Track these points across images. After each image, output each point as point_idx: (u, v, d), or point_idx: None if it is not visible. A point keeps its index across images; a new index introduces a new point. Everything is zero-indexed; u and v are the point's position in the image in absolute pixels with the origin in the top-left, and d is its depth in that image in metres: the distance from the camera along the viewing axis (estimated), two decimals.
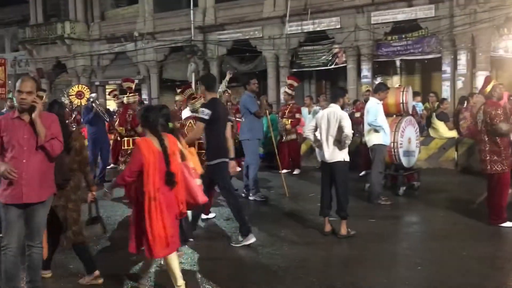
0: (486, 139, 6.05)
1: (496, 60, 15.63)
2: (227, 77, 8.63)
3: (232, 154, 5.82)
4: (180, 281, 4.05)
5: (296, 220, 6.77)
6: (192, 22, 20.15)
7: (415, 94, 10.65)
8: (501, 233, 5.93)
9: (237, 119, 8.31)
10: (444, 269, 4.77)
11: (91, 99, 9.61)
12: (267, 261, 5.09)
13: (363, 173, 9.61)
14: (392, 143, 7.89)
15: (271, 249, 5.49)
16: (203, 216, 6.81)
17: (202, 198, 4.45)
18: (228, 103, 10.29)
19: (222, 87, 8.65)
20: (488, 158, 6.03)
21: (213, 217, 6.88)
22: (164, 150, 3.94)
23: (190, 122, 6.62)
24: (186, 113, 7.16)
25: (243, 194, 8.31)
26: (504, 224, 6.02)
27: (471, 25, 15.16)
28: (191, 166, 4.52)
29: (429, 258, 5.12)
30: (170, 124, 4.61)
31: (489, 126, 5.98)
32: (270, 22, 19.13)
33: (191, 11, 20.10)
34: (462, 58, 15.71)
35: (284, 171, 9.95)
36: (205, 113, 5.48)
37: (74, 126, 11.96)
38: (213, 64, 20.82)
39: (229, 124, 6.02)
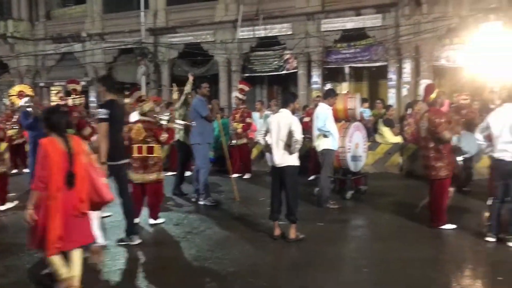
0: (430, 145, 6.29)
1: (438, 69, 16.31)
2: (190, 79, 8.51)
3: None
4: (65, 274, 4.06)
5: (246, 224, 6.77)
6: (142, 24, 19.80)
7: (362, 100, 10.93)
8: (442, 235, 6.17)
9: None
10: (389, 271, 4.91)
11: (24, 106, 9.10)
12: (216, 266, 5.05)
13: (312, 177, 9.75)
14: (341, 148, 8.06)
15: (221, 253, 5.46)
16: (151, 221, 6.70)
17: (109, 196, 4.40)
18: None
19: (186, 89, 8.52)
20: (432, 164, 6.26)
21: (162, 222, 6.76)
22: (68, 150, 4.01)
23: (138, 126, 6.49)
24: (134, 116, 7.02)
25: (193, 199, 8.23)
26: (444, 227, 6.27)
27: (416, 35, 15.75)
28: (97, 165, 4.50)
29: (375, 261, 5.26)
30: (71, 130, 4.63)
31: (433, 134, 6.21)
32: (222, 26, 19.12)
33: (142, 13, 19.75)
34: (407, 67, 16.29)
35: (235, 175, 9.93)
36: (103, 113, 5.56)
37: (16, 128, 11.46)
38: (164, 67, 20.55)
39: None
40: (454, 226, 6.27)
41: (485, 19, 13.89)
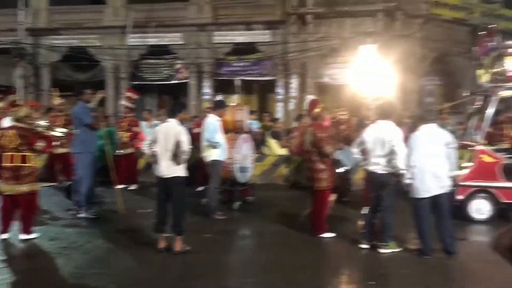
0: (314, 158, 6.58)
1: (322, 85, 17.26)
2: (98, 96, 7.97)
3: None
4: None
5: (129, 237, 6.51)
6: (20, 23, 18.31)
7: (251, 112, 11.16)
8: (322, 243, 6.47)
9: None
10: (272, 280, 5.02)
11: None
12: (95, 283, 4.77)
13: (200, 188, 9.68)
14: (229, 159, 8.12)
15: (100, 269, 5.18)
16: (23, 236, 6.15)
17: None
18: None
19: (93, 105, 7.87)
20: (315, 176, 6.56)
21: (35, 238, 6.22)
22: None
23: (11, 132, 5.95)
24: (6, 122, 6.42)
25: (73, 212, 7.70)
26: (325, 235, 6.59)
27: (302, 53, 16.55)
28: None
29: (259, 270, 5.35)
30: None
31: (316, 147, 6.52)
32: (110, 31, 18.37)
33: (20, 11, 18.28)
34: (294, 82, 17.03)
35: (120, 186, 9.54)
36: None
37: None
38: (44, 71, 19.16)
39: None
40: (333, 235, 6.61)
41: (364, 41, 15.02)
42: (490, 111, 7.86)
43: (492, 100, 7.88)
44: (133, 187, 10.38)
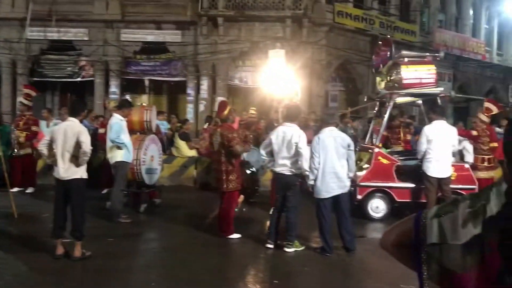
0: (222, 159, 6.60)
1: (232, 88, 17.42)
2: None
3: None
4: None
5: (24, 244, 6.07)
6: None
7: (159, 113, 10.95)
8: (229, 244, 6.51)
9: None
10: (178, 283, 4.95)
11: None
12: None
13: (105, 191, 9.30)
14: (135, 161, 7.89)
15: None
16: None
17: None
18: None
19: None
20: (224, 177, 6.57)
21: None
22: None
23: None
24: None
25: None
26: (231, 236, 6.63)
27: (212, 54, 16.58)
28: None
29: (165, 273, 5.25)
30: None
31: (225, 148, 6.54)
32: (6, 23, 17.07)
33: None
34: (204, 84, 16.98)
35: (15, 189, 8.90)
36: None
37: None
38: None
39: None
40: (239, 236, 6.66)
41: (272, 46, 15.39)
42: (387, 116, 8.40)
43: (388, 106, 8.43)
44: (30, 190, 9.69)
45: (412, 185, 7.92)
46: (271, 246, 6.21)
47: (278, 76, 12.36)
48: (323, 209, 6.04)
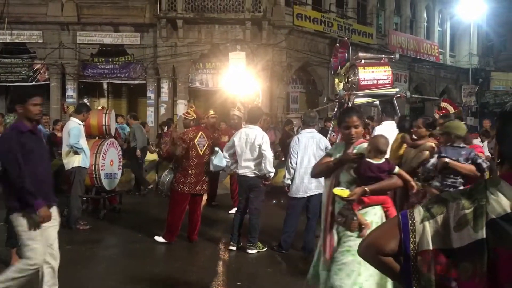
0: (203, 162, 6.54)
1: (193, 90, 17.32)
2: None
3: None
4: None
5: None
6: None
7: (117, 116, 10.76)
8: (192, 247, 6.46)
9: None
10: None
11: None
12: None
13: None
14: (93, 166, 7.72)
15: None
16: None
17: None
18: None
19: None
20: (182, 180, 6.49)
21: None
22: None
23: None
24: None
25: None
26: (194, 238, 6.57)
27: (173, 57, 16.43)
28: None
29: (125, 280, 5.14)
30: None
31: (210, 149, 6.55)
32: None
33: None
34: (165, 87, 16.81)
35: None
36: None
37: None
38: None
39: None
40: (197, 239, 6.62)
41: (233, 48, 15.41)
42: None
43: (346, 107, 8.57)
44: None
45: None
46: (234, 248, 6.21)
47: (238, 78, 12.39)
48: (294, 208, 6.09)
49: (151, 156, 11.34)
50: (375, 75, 8.48)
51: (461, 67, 26.30)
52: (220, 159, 7.42)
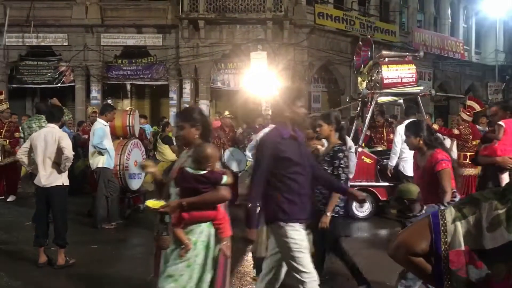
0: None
1: (215, 91, 17.40)
2: None
3: None
4: None
5: (6, 253, 5.97)
6: None
7: (141, 117, 10.87)
8: None
9: None
10: None
11: None
12: None
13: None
14: (118, 166, 7.82)
15: None
16: None
17: None
18: None
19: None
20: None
21: None
22: None
23: None
24: None
25: None
26: None
27: (194, 58, 16.53)
28: None
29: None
30: None
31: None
32: None
33: None
34: (187, 87, 16.92)
35: None
36: None
37: None
38: None
39: None
40: None
41: (254, 48, 15.42)
42: (369, 116, 8.47)
43: (370, 106, 8.50)
44: (11, 198, 9.52)
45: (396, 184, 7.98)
46: None
47: (260, 78, 12.40)
48: None
49: (173, 156, 11.38)
50: (399, 73, 8.39)
51: (487, 64, 25.77)
52: (236, 165, 7.43)
